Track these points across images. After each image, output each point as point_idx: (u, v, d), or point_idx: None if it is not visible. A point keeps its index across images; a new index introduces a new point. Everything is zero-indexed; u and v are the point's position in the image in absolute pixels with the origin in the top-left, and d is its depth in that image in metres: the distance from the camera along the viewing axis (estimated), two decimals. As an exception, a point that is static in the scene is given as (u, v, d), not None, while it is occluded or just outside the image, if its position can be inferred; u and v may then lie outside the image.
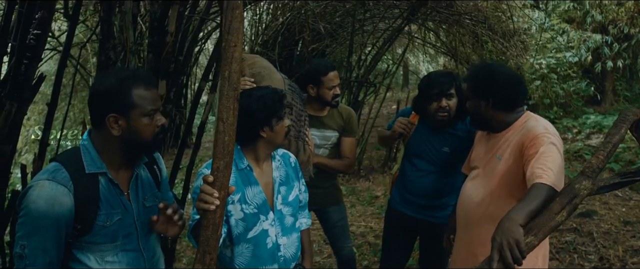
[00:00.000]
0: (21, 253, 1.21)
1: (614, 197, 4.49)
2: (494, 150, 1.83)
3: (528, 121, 1.76)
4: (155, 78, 2.01)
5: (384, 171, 6.35)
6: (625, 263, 3.17)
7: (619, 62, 7.80)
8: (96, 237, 1.30)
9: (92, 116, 1.34)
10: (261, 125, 1.63)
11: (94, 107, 1.32)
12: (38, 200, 1.21)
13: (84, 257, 1.31)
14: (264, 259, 1.67)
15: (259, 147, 1.68)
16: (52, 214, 1.21)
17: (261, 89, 1.71)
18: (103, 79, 1.33)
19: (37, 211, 1.20)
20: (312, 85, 2.36)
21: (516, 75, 1.86)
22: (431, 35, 8.48)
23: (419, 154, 2.30)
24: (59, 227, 1.23)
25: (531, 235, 1.28)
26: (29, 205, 1.21)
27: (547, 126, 1.70)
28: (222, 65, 1.24)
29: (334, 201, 2.60)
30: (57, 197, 1.22)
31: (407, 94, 11.17)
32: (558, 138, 1.66)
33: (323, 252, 3.92)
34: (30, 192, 1.22)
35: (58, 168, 1.27)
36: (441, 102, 2.12)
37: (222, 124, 1.23)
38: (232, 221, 1.63)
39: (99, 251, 1.32)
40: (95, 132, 1.35)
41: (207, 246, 1.20)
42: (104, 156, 1.33)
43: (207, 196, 1.19)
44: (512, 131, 1.79)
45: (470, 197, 1.87)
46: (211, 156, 1.23)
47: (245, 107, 1.57)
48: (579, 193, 1.29)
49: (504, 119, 1.80)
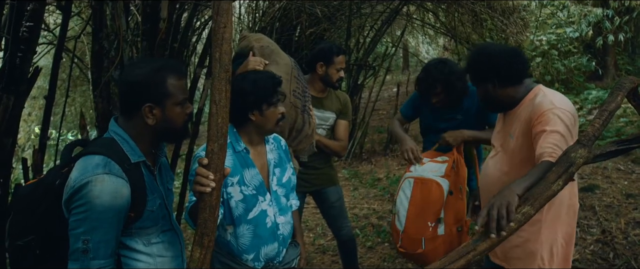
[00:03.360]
0: (85, 247, 1.23)
1: (616, 171, 4.48)
2: (507, 128, 1.84)
3: (536, 96, 1.74)
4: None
5: (386, 154, 6.35)
6: (627, 235, 3.18)
7: (621, 36, 7.70)
8: (145, 222, 1.36)
9: (124, 106, 1.37)
10: (251, 108, 1.66)
11: (128, 97, 1.35)
12: (102, 195, 1.23)
13: (132, 242, 1.35)
14: (265, 238, 1.71)
15: (250, 130, 1.73)
16: (115, 206, 1.25)
17: (258, 73, 1.72)
18: (136, 69, 1.35)
19: (102, 205, 1.22)
20: (323, 63, 2.42)
21: (512, 48, 1.88)
22: (430, 16, 8.40)
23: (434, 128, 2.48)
24: (119, 218, 1.27)
25: (528, 205, 1.29)
26: (93, 201, 1.22)
27: (554, 100, 1.68)
28: (213, 46, 1.24)
29: (331, 181, 2.63)
30: (119, 190, 1.25)
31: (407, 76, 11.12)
32: (566, 111, 1.63)
33: (327, 235, 3.95)
34: (91, 188, 1.23)
35: (108, 161, 1.28)
36: (432, 98, 2.39)
37: (214, 106, 1.23)
38: (232, 203, 1.67)
39: (145, 235, 1.38)
40: (127, 121, 1.37)
41: (205, 228, 1.21)
42: (140, 145, 1.37)
43: (202, 178, 1.20)
44: (522, 107, 1.78)
45: (488, 176, 1.90)
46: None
47: (238, 89, 1.60)
48: (574, 162, 1.29)
49: (514, 95, 1.79)
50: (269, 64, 2.04)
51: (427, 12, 7.98)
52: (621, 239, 3.13)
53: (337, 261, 3.48)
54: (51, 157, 4.68)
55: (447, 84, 2.32)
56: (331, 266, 3.41)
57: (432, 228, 2.18)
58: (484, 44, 3.24)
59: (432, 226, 2.18)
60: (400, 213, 2.26)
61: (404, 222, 2.21)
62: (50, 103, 2.41)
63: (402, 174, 5.57)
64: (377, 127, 7.89)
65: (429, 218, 2.19)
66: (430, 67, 2.39)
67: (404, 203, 2.25)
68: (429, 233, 2.18)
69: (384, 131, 7.26)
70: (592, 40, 7.95)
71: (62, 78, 5.29)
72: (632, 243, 3.07)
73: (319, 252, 3.65)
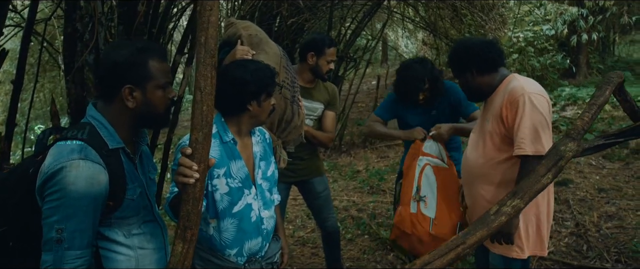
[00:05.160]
0: (59, 237, 1.16)
1: (588, 165, 4.62)
2: (485, 113, 1.94)
3: (510, 82, 1.84)
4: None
5: (365, 146, 6.36)
6: (600, 228, 3.27)
7: (594, 35, 7.91)
8: (125, 211, 1.30)
9: (103, 88, 1.30)
10: (250, 98, 1.62)
11: (107, 78, 1.28)
12: (77, 181, 1.16)
13: (111, 233, 1.29)
14: (249, 233, 1.66)
15: (243, 121, 1.68)
16: (91, 194, 1.18)
17: (256, 63, 1.70)
18: (117, 49, 1.28)
19: (77, 192, 1.16)
20: (314, 53, 2.41)
21: (487, 40, 2.01)
22: (410, 10, 8.42)
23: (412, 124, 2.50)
24: (96, 206, 1.21)
25: (517, 198, 1.28)
26: (67, 187, 1.15)
27: (525, 85, 1.77)
28: (198, 30, 1.17)
29: (317, 171, 2.62)
30: (95, 176, 1.19)
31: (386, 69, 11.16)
32: (537, 95, 1.73)
33: (306, 227, 3.92)
34: (66, 174, 1.15)
35: (84, 146, 1.21)
36: (419, 95, 2.42)
37: (199, 93, 1.16)
38: (217, 196, 1.61)
39: (126, 226, 1.32)
40: (106, 105, 1.30)
41: (188, 221, 1.15)
42: (119, 131, 1.30)
43: (186, 169, 1.14)
44: (497, 92, 1.89)
45: (467, 159, 1.98)
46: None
47: (238, 78, 1.58)
48: (564, 155, 1.29)
49: (490, 83, 1.91)
50: (257, 54, 1.99)
51: (408, 6, 8.00)
52: (594, 232, 3.22)
53: (317, 254, 3.46)
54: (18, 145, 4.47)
55: (433, 80, 2.38)
56: (311, 259, 3.38)
57: (463, 212, 2.20)
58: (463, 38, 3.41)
59: (463, 211, 2.21)
60: (429, 198, 2.25)
61: (435, 207, 2.22)
62: (18, 88, 2.27)
63: (381, 167, 5.58)
64: (357, 119, 7.90)
65: (458, 203, 2.22)
66: (413, 65, 2.42)
67: (433, 188, 2.27)
68: (463, 218, 2.19)
69: (363, 123, 7.27)
70: (566, 39, 8.13)
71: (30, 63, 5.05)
72: (605, 235, 3.17)
73: (299, 244, 3.62)
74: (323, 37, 2.47)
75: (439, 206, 2.22)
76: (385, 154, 6.04)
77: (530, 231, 1.87)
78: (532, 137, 1.65)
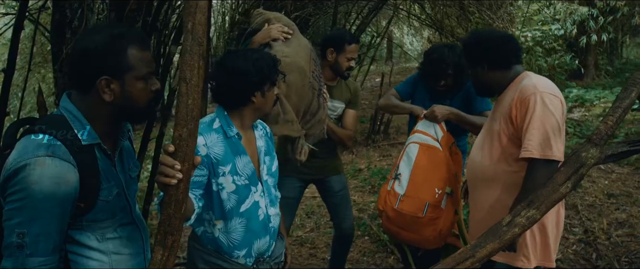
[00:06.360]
0: (21, 242, 1.04)
1: (597, 170, 4.48)
2: (494, 113, 1.84)
3: (522, 80, 1.73)
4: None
5: (368, 144, 6.25)
6: (610, 236, 3.15)
7: (604, 36, 7.75)
8: (98, 214, 1.19)
9: (76, 78, 1.16)
10: (253, 89, 1.54)
11: (80, 68, 1.14)
12: (41, 180, 1.04)
13: (83, 237, 1.18)
14: (257, 232, 1.58)
15: (246, 113, 1.59)
16: (58, 194, 1.06)
17: (257, 52, 1.62)
18: (92, 35, 1.14)
19: (41, 192, 1.04)
20: (333, 49, 2.34)
21: (506, 33, 1.91)
22: (416, 7, 8.28)
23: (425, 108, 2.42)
24: (64, 208, 1.09)
25: (532, 208, 1.17)
26: (30, 186, 1.04)
27: (538, 84, 1.66)
28: (185, 15, 1.06)
29: (335, 170, 2.54)
30: (63, 175, 1.07)
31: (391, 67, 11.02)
32: (550, 94, 1.62)
33: (305, 226, 3.82)
34: (29, 172, 1.04)
35: (52, 142, 1.09)
36: (440, 82, 2.35)
37: (185, 85, 1.05)
38: (224, 195, 1.52)
39: (99, 229, 1.21)
40: (80, 97, 1.17)
41: (169, 226, 1.04)
42: (94, 125, 1.17)
43: (167, 168, 1.03)
44: (508, 90, 1.78)
45: (472, 160, 1.89)
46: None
47: (240, 69, 1.50)
48: (585, 162, 1.17)
49: (501, 80, 1.80)
50: (291, 38, 1.98)
51: (414, 3, 7.85)
52: (604, 240, 3.10)
53: (315, 255, 3.36)
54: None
55: (458, 70, 2.30)
56: (309, 260, 3.28)
57: (438, 195, 2.11)
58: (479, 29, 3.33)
59: (439, 193, 2.11)
60: (403, 175, 2.19)
61: (406, 185, 2.15)
62: (9, 77, 2.17)
63: (384, 165, 5.47)
64: (360, 117, 7.78)
65: (436, 184, 2.12)
66: (443, 49, 2.35)
67: (409, 165, 2.19)
68: (434, 200, 2.10)
69: (367, 121, 7.15)
70: (575, 39, 7.98)
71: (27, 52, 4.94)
72: (615, 244, 3.04)
73: (297, 244, 3.52)
74: (343, 33, 2.39)
75: (411, 183, 2.15)
76: (388, 153, 5.92)
77: (537, 240, 1.75)
78: (542, 139, 1.54)
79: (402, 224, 2.14)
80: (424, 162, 2.16)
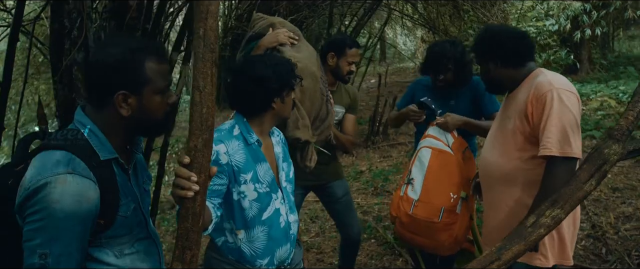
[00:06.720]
0: (43, 263, 1.01)
1: (599, 164, 4.48)
2: (506, 110, 1.80)
3: (537, 77, 1.70)
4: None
5: (367, 146, 6.22)
6: (618, 230, 3.13)
7: (597, 30, 7.79)
8: (117, 230, 1.16)
9: (93, 93, 1.13)
10: (274, 95, 1.53)
11: (97, 82, 1.11)
12: (63, 199, 1.01)
13: (102, 254, 1.15)
14: (279, 240, 1.57)
15: (265, 120, 1.58)
16: (79, 212, 1.03)
17: (274, 58, 1.61)
18: (108, 49, 1.11)
19: (63, 211, 1.01)
20: (334, 54, 2.33)
21: (519, 30, 1.88)
22: (409, 7, 8.29)
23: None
24: (85, 226, 1.06)
25: (557, 208, 1.14)
26: (51, 205, 1.00)
27: (553, 80, 1.64)
28: (196, 21, 1.02)
29: (337, 175, 2.51)
30: (84, 193, 1.04)
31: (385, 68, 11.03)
32: (566, 90, 1.60)
33: (310, 231, 3.78)
34: (50, 191, 1.00)
35: (72, 158, 1.06)
36: (439, 76, 2.33)
37: (198, 93, 1.01)
38: (246, 203, 1.50)
39: (118, 245, 1.18)
40: (96, 111, 1.14)
41: (187, 240, 1.00)
42: (111, 139, 1.15)
43: (183, 180, 0.99)
44: (522, 87, 1.75)
45: (485, 160, 1.85)
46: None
47: (259, 75, 1.49)
48: (608, 159, 1.15)
49: (514, 77, 1.77)
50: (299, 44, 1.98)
51: (407, 3, 7.86)
52: (612, 234, 3.09)
53: (321, 259, 3.32)
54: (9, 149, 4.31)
55: (460, 65, 2.28)
56: (317, 265, 3.24)
57: (454, 199, 2.08)
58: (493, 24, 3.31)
59: (454, 198, 2.08)
60: (416, 180, 2.16)
61: (419, 190, 2.12)
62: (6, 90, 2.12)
63: (385, 167, 5.45)
64: (357, 119, 7.75)
65: (450, 188, 2.09)
66: (445, 44, 2.34)
67: (422, 170, 2.16)
68: (449, 205, 2.07)
69: (365, 123, 7.13)
70: (569, 34, 8.01)
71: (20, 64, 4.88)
72: (624, 238, 3.03)
73: (303, 250, 3.47)
74: (344, 37, 2.38)
75: (424, 188, 2.13)
76: (388, 154, 5.90)
77: (555, 238, 1.72)
78: (560, 136, 1.53)
79: (417, 230, 2.11)
80: (436, 167, 2.13)
